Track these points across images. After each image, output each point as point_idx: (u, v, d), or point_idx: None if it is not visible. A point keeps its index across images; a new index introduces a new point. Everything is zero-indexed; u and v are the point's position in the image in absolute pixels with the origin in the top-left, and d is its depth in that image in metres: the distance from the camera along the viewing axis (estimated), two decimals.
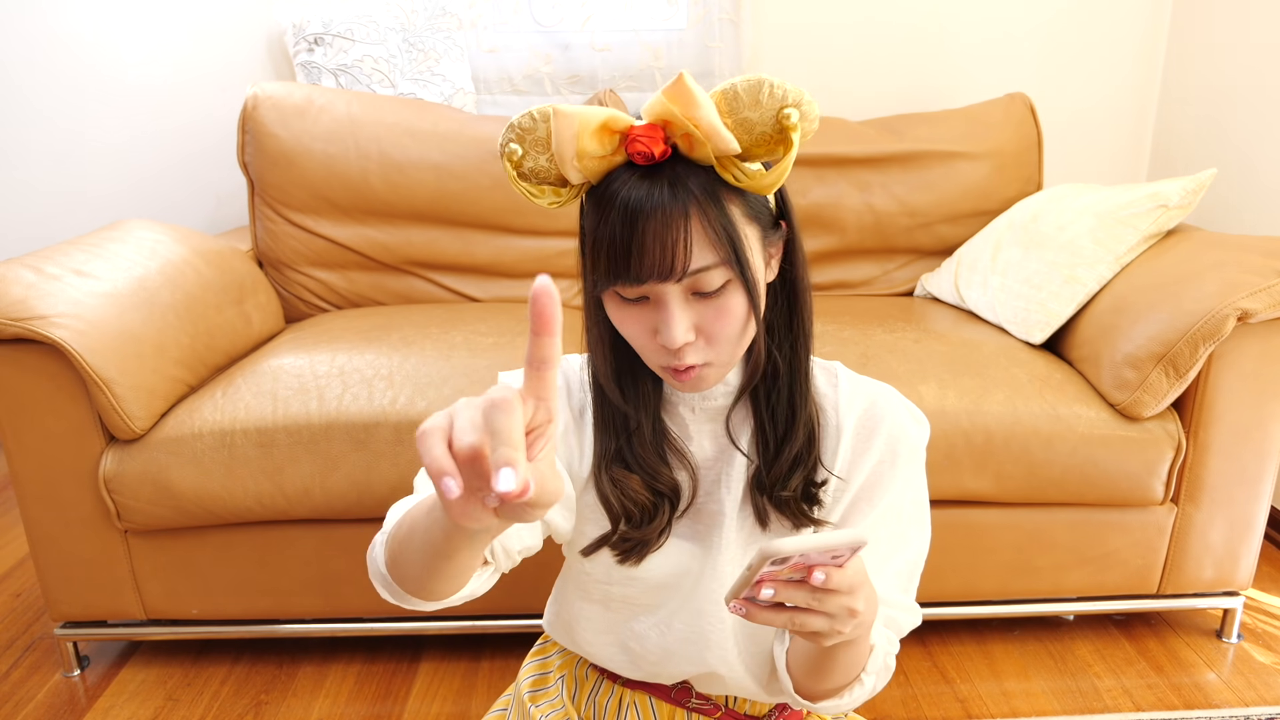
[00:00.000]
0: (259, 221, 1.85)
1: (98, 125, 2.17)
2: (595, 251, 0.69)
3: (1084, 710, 1.42)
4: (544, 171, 0.71)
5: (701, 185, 0.67)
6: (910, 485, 0.80)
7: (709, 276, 0.68)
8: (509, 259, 1.89)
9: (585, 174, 0.68)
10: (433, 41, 2.07)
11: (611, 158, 0.68)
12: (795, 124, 0.65)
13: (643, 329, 0.71)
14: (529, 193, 0.71)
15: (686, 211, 0.66)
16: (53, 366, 1.30)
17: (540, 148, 0.69)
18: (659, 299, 0.69)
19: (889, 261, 1.98)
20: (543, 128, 0.69)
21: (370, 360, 1.45)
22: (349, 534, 1.42)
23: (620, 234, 0.66)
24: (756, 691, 0.86)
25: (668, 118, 0.66)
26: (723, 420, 0.80)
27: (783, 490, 0.77)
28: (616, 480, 0.78)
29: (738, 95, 0.66)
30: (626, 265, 0.67)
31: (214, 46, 2.14)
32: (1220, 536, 1.47)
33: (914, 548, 0.80)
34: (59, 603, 1.46)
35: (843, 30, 2.17)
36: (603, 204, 0.68)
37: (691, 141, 0.66)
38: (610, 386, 0.78)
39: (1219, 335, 1.30)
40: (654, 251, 0.66)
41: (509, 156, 0.70)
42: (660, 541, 0.80)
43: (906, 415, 0.81)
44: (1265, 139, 1.89)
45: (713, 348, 0.71)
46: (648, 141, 0.66)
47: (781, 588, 0.58)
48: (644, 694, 0.90)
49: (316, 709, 1.43)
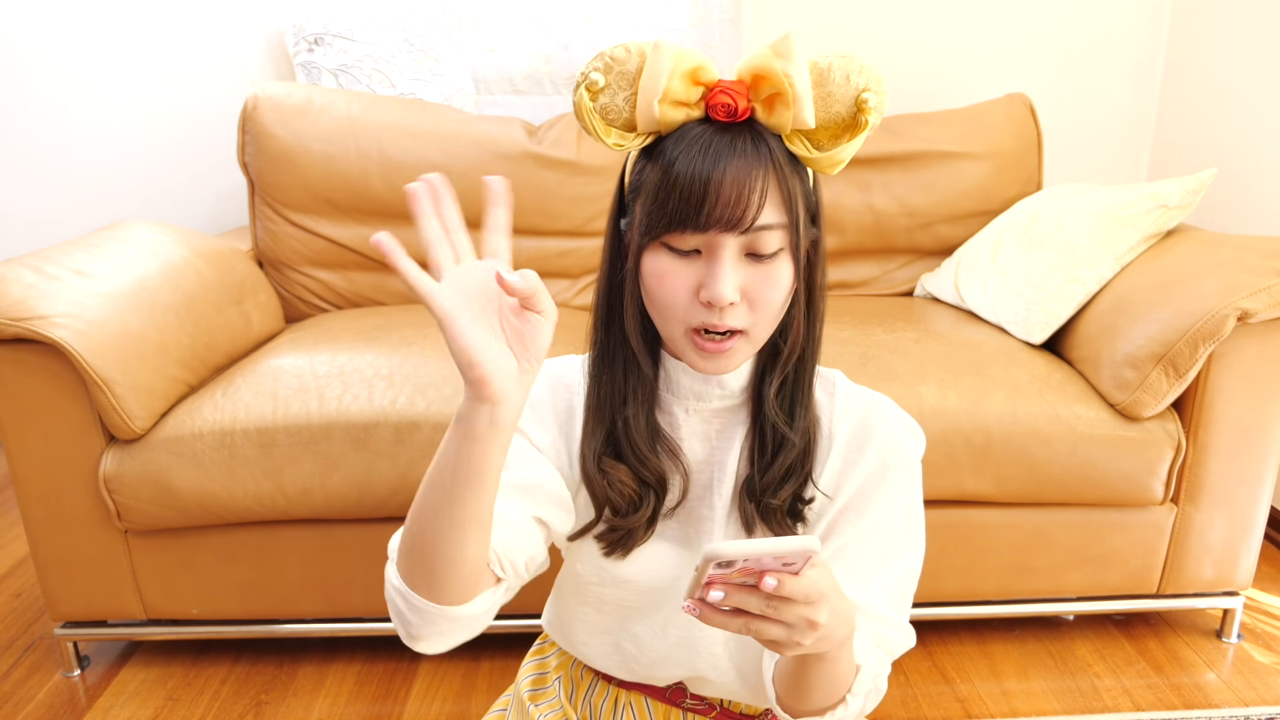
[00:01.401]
0: (259, 221, 1.85)
1: (97, 125, 2.17)
2: (660, 196, 0.67)
3: (1084, 710, 1.42)
4: (616, 112, 0.69)
5: (780, 149, 0.68)
6: (901, 499, 0.78)
7: (769, 236, 0.68)
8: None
9: (661, 120, 0.67)
10: (433, 41, 2.07)
11: (690, 109, 0.67)
12: (872, 108, 0.67)
13: (684, 285, 0.69)
14: (597, 128, 0.69)
15: (766, 167, 0.66)
16: (53, 366, 1.30)
17: (624, 83, 0.68)
18: (712, 252, 0.68)
19: (889, 261, 1.98)
20: (635, 61, 0.67)
21: (370, 360, 1.45)
22: (349, 534, 1.42)
23: (698, 174, 0.65)
24: (747, 697, 0.86)
25: (764, 72, 0.66)
26: (715, 423, 0.79)
27: (772, 499, 0.76)
28: (605, 470, 0.77)
29: (830, 69, 0.67)
30: (698, 210, 0.65)
31: (214, 46, 2.14)
32: (1220, 536, 1.47)
33: (904, 563, 0.79)
34: (59, 603, 1.46)
35: (843, 30, 2.17)
36: (675, 150, 0.67)
37: (773, 105, 0.66)
38: (639, 346, 0.76)
39: (1219, 335, 1.30)
40: (729, 196, 0.65)
41: (589, 86, 0.68)
42: (646, 535, 0.79)
43: (901, 428, 0.80)
44: (1265, 139, 1.89)
45: (754, 314, 0.70)
46: (734, 94, 0.66)
47: (734, 591, 0.57)
48: (639, 694, 0.90)
49: (316, 709, 1.43)
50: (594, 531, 0.79)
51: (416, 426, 1.34)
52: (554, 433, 0.81)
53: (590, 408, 0.79)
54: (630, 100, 0.68)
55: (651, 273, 0.70)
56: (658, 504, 0.78)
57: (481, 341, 0.58)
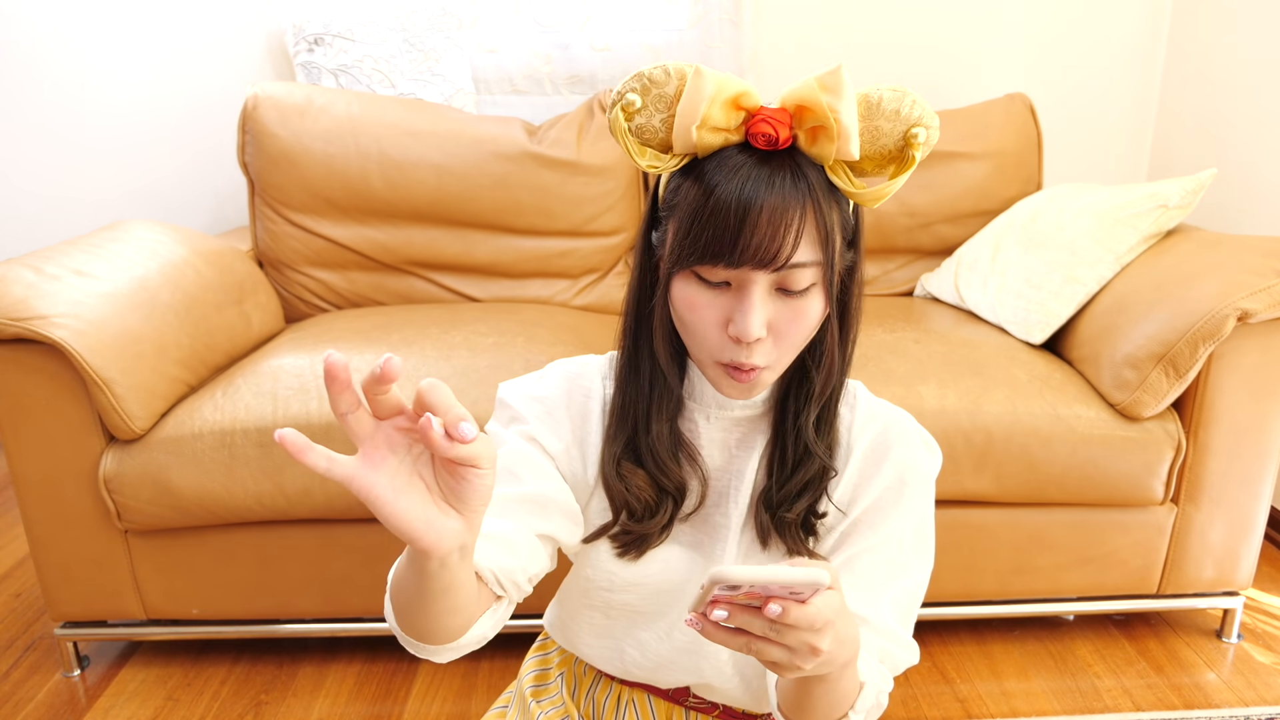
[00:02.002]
0: (259, 221, 1.85)
1: (97, 125, 2.17)
2: (694, 226, 0.65)
3: (1084, 710, 1.42)
4: (651, 132, 0.67)
5: (819, 181, 0.66)
6: (914, 516, 0.78)
7: (801, 274, 0.66)
8: (509, 259, 1.89)
9: (698, 145, 0.66)
10: (433, 41, 2.07)
11: (729, 134, 0.66)
12: (921, 143, 0.65)
13: (714, 317, 0.68)
14: (633, 149, 0.68)
15: (804, 203, 0.64)
16: (53, 366, 1.30)
17: (661, 105, 0.66)
18: (743, 287, 0.66)
19: (889, 261, 1.98)
20: (674, 85, 0.66)
21: (370, 360, 1.45)
22: (349, 534, 1.42)
23: (734, 210, 0.64)
24: (750, 703, 0.86)
25: (809, 104, 0.64)
26: (736, 432, 0.79)
27: (787, 512, 0.76)
28: (624, 474, 0.77)
29: (881, 102, 0.65)
30: (732, 245, 0.64)
31: (214, 46, 2.14)
32: (1220, 536, 1.47)
33: (913, 578, 0.78)
34: (59, 603, 1.46)
35: (843, 30, 2.17)
36: (713, 180, 0.65)
37: (817, 136, 0.65)
38: (668, 363, 0.75)
39: (1219, 335, 1.30)
40: (764, 235, 0.64)
41: (625, 106, 0.66)
42: (661, 538, 0.79)
43: (919, 444, 0.80)
44: (1265, 139, 1.89)
45: (778, 349, 0.69)
46: (776, 123, 0.65)
47: (738, 612, 0.56)
48: (642, 692, 0.90)
49: (316, 709, 1.43)
50: (610, 532, 0.79)
51: None
52: (568, 437, 0.80)
53: (615, 413, 0.79)
54: (667, 122, 0.67)
55: (681, 299, 0.70)
56: (675, 510, 0.78)
57: (415, 511, 0.54)
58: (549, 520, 0.76)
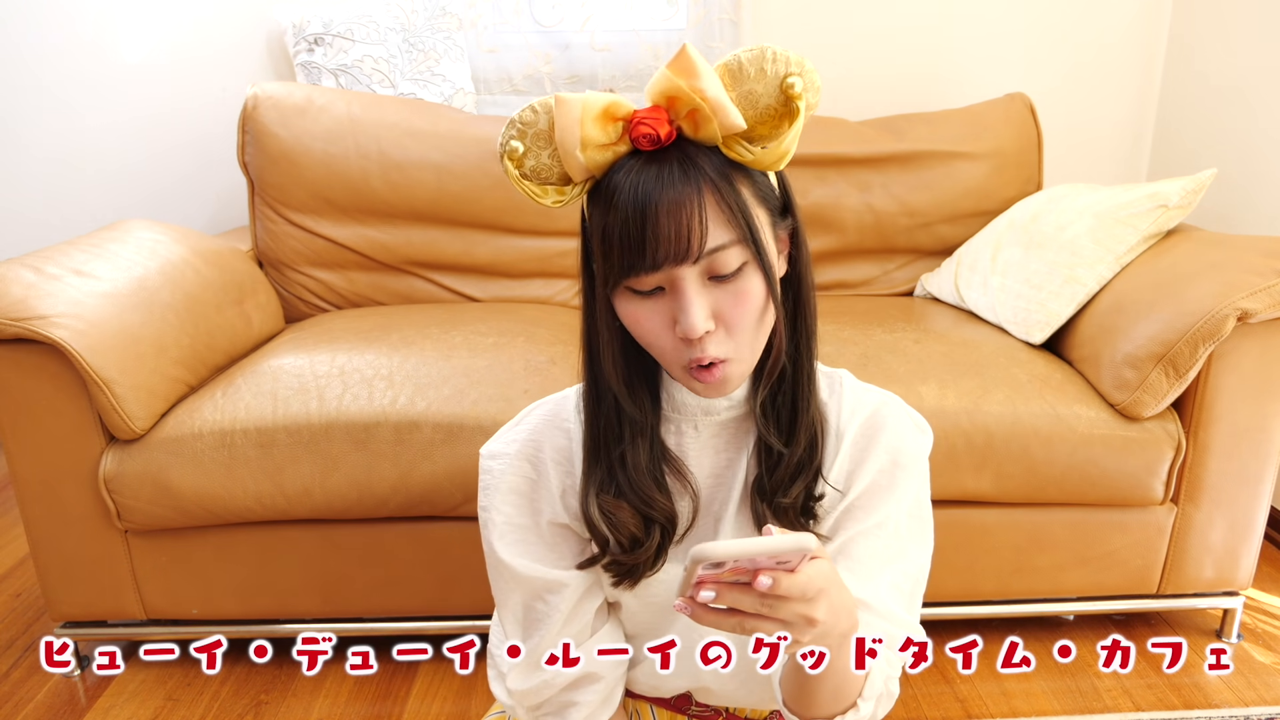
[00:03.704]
0: (259, 221, 1.85)
1: (97, 125, 2.17)
2: (606, 245, 0.66)
3: (1084, 710, 1.42)
4: (546, 170, 0.69)
5: (712, 164, 0.65)
6: (909, 497, 0.78)
7: (726, 256, 0.65)
8: (509, 259, 1.89)
9: (589, 166, 0.66)
10: (433, 41, 2.07)
11: (615, 146, 0.66)
12: (799, 93, 0.64)
13: (661, 324, 0.68)
14: (532, 193, 0.69)
15: (699, 188, 0.64)
16: (53, 366, 1.30)
17: (542, 142, 0.67)
18: (675, 286, 0.66)
19: (889, 261, 1.98)
20: (544, 119, 0.67)
21: (370, 360, 1.45)
22: (349, 534, 1.42)
23: (632, 218, 0.64)
24: (751, 701, 0.86)
25: (673, 94, 0.64)
26: (725, 434, 0.78)
27: (783, 497, 0.75)
28: (606, 510, 0.75)
29: (741, 66, 0.65)
30: (642, 251, 0.64)
31: (214, 47, 2.14)
32: (1220, 536, 1.47)
33: (913, 560, 0.78)
34: (59, 603, 1.46)
35: (843, 30, 2.17)
36: (610, 195, 0.66)
37: (697, 120, 0.64)
38: (621, 389, 0.74)
39: (1219, 335, 1.30)
40: (669, 232, 0.63)
41: (510, 155, 0.68)
42: (655, 568, 0.77)
43: (908, 424, 0.80)
44: (1265, 139, 1.89)
45: (733, 338, 0.68)
46: (653, 123, 0.64)
47: (726, 590, 0.55)
48: (645, 703, 0.90)
49: (316, 709, 1.43)
50: (600, 563, 0.79)
51: (416, 426, 1.34)
52: (555, 489, 0.79)
53: (586, 448, 0.77)
54: (554, 156, 0.68)
55: (627, 317, 0.70)
56: (664, 538, 0.77)
57: None
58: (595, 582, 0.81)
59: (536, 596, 0.80)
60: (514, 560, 0.80)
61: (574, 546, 0.79)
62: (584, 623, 0.81)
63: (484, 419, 1.34)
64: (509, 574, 0.80)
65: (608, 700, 0.82)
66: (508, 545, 0.80)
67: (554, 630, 0.79)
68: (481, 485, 0.82)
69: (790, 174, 0.74)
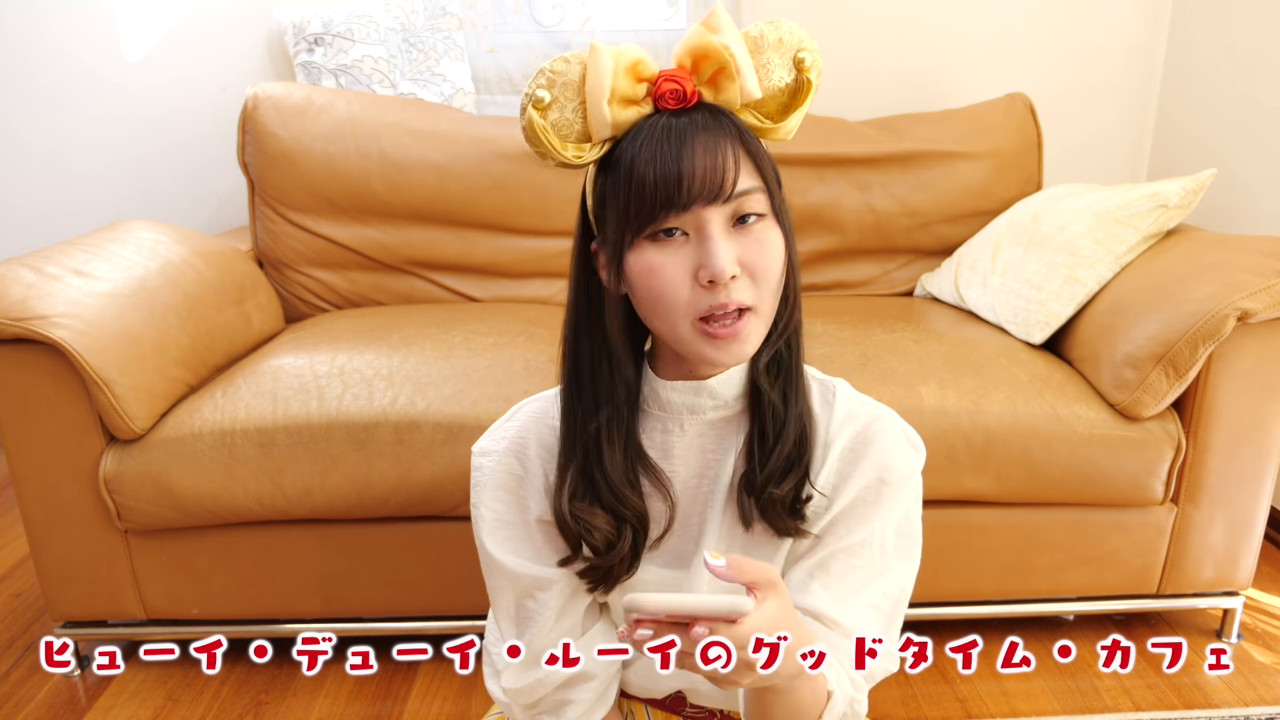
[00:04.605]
0: (259, 221, 1.85)
1: (97, 125, 2.17)
2: (632, 192, 0.65)
3: (1084, 710, 1.42)
4: (567, 125, 0.68)
5: (736, 120, 0.68)
6: (897, 514, 0.76)
7: (751, 200, 0.67)
8: (509, 259, 1.89)
9: (614, 122, 0.67)
10: (433, 41, 2.07)
11: (640, 106, 0.67)
12: (809, 66, 0.68)
13: (682, 273, 0.66)
14: (552, 146, 0.68)
15: (731, 133, 0.66)
16: (53, 366, 1.30)
17: (570, 94, 0.67)
18: (700, 229, 0.66)
19: (889, 261, 1.98)
20: (575, 70, 0.67)
21: (370, 360, 1.45)
22: (349, 534, 1.42)
23: (668, 156, 0.64)
24: (738, 705, 0.86)
25: (704, 50, 0.66)
26: (711, 435, 0.77)
27: (775, 488, 0.73)
28: (578, 515, 0.75)
29: (763, 34, 0.68)
30: (678, 187, 0.64)
31: (214, 46, 2.14)
32: (1220, 536, 1.47)
33: (893, 580, 0.76)
34: (59, 603, 1.46)
35: (843, 30, 2.17)
36: (638, 146, 0.66)
37: (719, 81, 0.67)
38: (624, 355, 0.74)
39: (1219, 335, 1.30)
40: (704, 168, 0.64)
41: (536, 104, 0.67)
42: (630, 572, 0.77)
43: (900, 441, 0.77)
44: (1265, 139, 1.89)
45: (757, 286, 0.67)
46: (680, 79, 0.66)
47: (664, 630, 0.55)
48: (640, 704, 0.90)
49: (316, 709, 1.43)
50: (574, 567, 0.78)
51: (416, 426, 1.34)
52: (541, 490, 0.79)
53: (563, 444, 0.77)
54: (580, 110, 0.68)
55: (642, 272, 0.67)
56: (637, 542, 0.76)
57: None
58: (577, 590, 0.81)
59: (526, 593, 0.80)
60: (504, 557, 0.80)
61: (562, 544, 0.79)
62: (574, 620, 0.81)
63: (484, 419, 1.34)
64: (500, 570, 0.80)
65: (602, 697, 0.82)
66: (497, 542, 0.80)
67: (545, 627, 0.79)
68: (473, 482, 0.82)
69: (790, 174, 0.75)
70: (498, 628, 0.84)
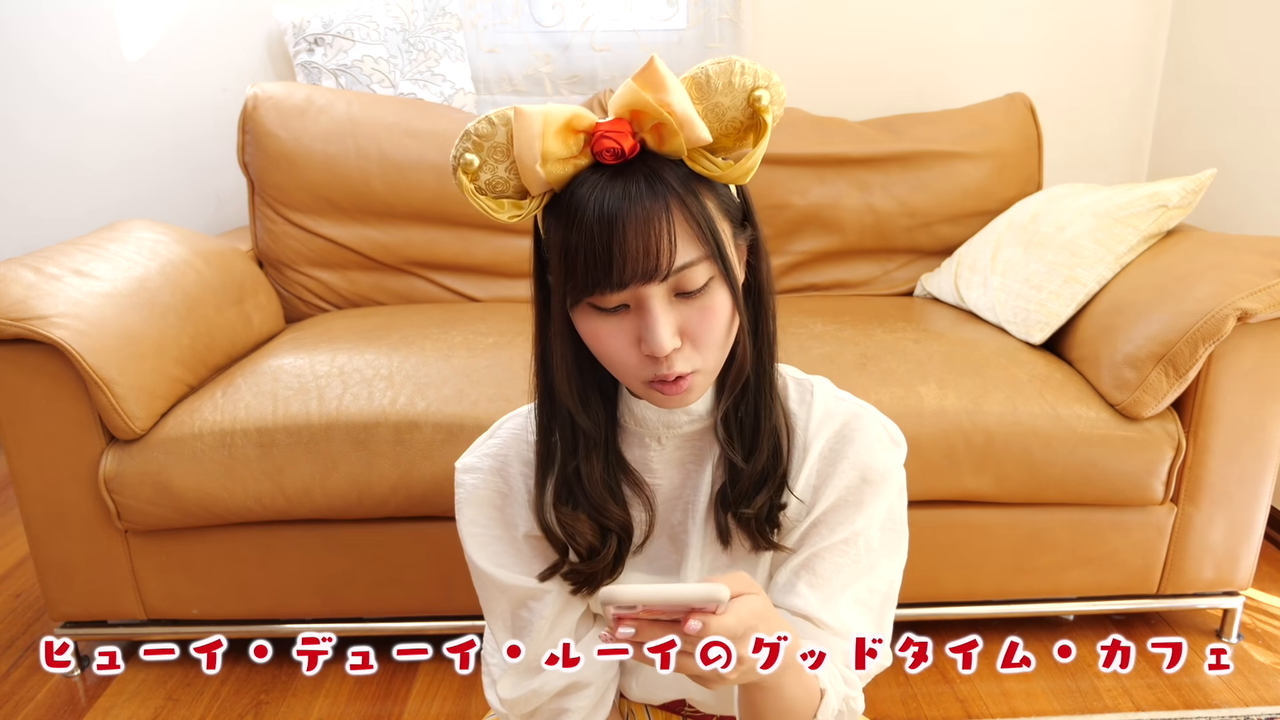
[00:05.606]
0: (259, 222, 1.85)
1: (97, 125, 2.17)
2: (569, 261, 0.63)
3: (1084, 710, 1.42)
4: (502, 183, 0.66)
5: (678, 178, 0.63)
6: (880, 511, 0.76)
7: (693, 274, 0.64)
8: (509, 259, 1.89)
9: (549, 180, 0.64)
10: (433, 41, 2.07)
11: (577, 159, 0.64)
12: (767, 105, 0.63)
13: (624, 342, 0.66)
14: (487, 208, 0.66)
15: (667, 205, 0.62)
16: (53, 366, 1.30)
17: (499, 155, 0.65)
18: (641, 304, 0.64)
19: (889, 261, 1.98)
20: (501, 132, 0.64)
21: (370, 360, 1.45)
22: (349, 534, 1.42)
23: (598, 237, 0.61)
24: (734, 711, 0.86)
25: (638, 107, 0.62)
26: (689, 448, 0.77)
27: (746, 507, 0.73)
28: (564, 521, 0.75)
29: (709, 79, 0.63)
30: (608, 270, 0.62)
31: (214, 46, 2.14)
32: (1220, 536, 1.47)
33: (881, 576, 0.76)
34: (59, 603, 1.46)
35: (843, 30, 2.17)
36: (572, 210, 0.63)
37: (662, 133, 0.63)
38: (575, 405, 0.73)
39: (1219, 335, 1.30)
40: (636, 251, 0.61)
41: (465, 168, 0.65)
42: (613, 576, 0.77)
43: (880, 438, 0.77)
44: (1265, 139, 1.89)
45: (699, 352, 0.67)
46: (617, 136, 0.62)
47: (646, 628, 0.55)
48: (640, 706, 0.90)
49: (316, 709, 1.43)
50: (559, 572, 0.78)
51: (416, 426, 1.34)
52: (525, 507, 0.79)
53: (539, 458, 0.77)
54: (512, 169, 0.65)
55: (587, 333, 0.67)
56: (621, 547, 0.76)
57: None
58: (570, 600, 0.81)
59: (520, 604, 0.80)
60: (494, 570, 0.80)
61: (551, 557, 0.79)
62: (567, 630, 0.81)
63: (484, 419, 1.34)
64: (491, 583, 0.80)
65: (599, 704, 0.82)
66: (486, 557, 0.80)
67: (540, 635, 0.79)
68: (456, 499, 0.82)
69: (790, 174, 0.74)
70: (494, 638, 0.84)
